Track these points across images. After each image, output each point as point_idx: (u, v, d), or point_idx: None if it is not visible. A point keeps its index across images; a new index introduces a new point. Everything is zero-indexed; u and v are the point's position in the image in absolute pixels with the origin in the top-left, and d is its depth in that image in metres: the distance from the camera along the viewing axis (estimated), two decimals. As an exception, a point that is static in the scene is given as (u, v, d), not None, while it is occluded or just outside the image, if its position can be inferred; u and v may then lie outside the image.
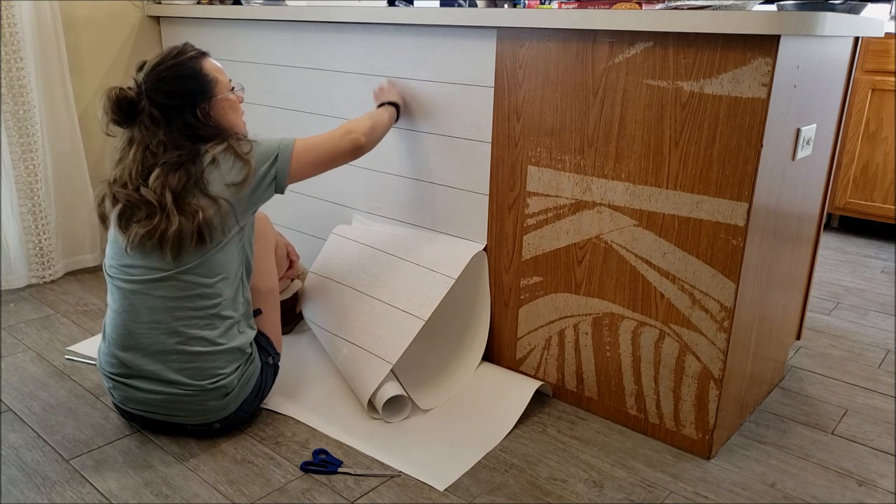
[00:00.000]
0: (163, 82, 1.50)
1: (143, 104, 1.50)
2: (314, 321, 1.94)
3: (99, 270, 2.57)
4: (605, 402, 1.71)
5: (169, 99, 1.50)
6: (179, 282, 1.47)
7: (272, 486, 1.44)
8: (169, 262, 1.47)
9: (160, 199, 1.46)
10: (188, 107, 1.52)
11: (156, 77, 1.51)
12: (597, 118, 1.55)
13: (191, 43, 1.59)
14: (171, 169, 1.47)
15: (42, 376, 1.84)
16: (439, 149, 1.85)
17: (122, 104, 1.49)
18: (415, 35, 1.82)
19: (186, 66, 1.53)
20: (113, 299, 1.54)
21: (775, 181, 1.47)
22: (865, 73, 2.97)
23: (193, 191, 1.47)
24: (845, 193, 3.13)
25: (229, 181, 1.50)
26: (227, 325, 1.52)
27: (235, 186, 1.50)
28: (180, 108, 1.51)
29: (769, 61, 1.30)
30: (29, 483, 1.44)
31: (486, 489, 1.45)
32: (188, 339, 1.49)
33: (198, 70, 1.54)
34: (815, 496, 1.46)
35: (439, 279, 1.76)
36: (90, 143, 2.55)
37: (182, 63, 1.53)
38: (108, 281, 1.56)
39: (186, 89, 1.52)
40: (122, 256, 1.52)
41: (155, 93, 1.50)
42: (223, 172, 1.50)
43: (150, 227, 1.46)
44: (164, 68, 1.52)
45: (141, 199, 1.47)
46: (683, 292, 1.51)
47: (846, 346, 2.14)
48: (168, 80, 1.51)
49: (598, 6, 1.62)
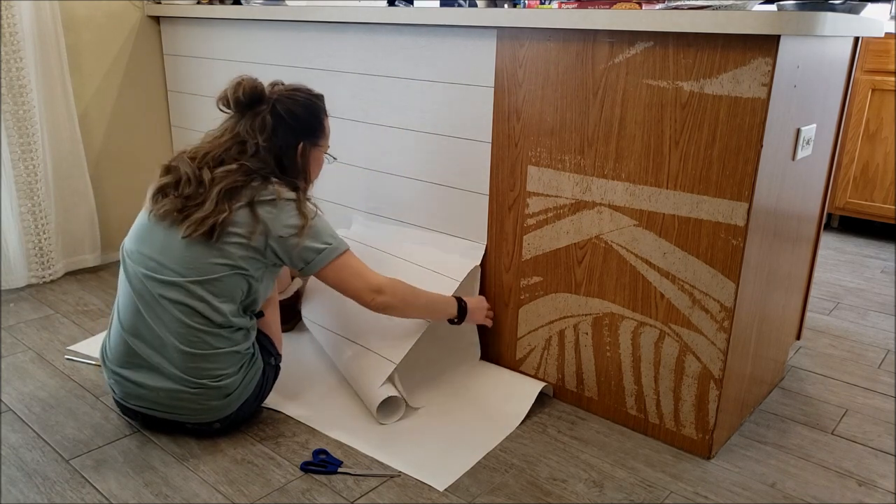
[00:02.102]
0: (293, 102, 1.59)
1: (266, 106, 1.56)
2: (315, 321, 1.94)
3: (99, 270, 2.57)
4: (605, 402, 1.71)
5: (289, 117, 1.57)
6: (187, 291, 1.47)
7: (272, 486, 1.44)
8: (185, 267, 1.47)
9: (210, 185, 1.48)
10: (296, 135, 1.58)
11: (290, 95, 1.59)
12: (597, 118, 1.55)
13: (325, 97, 1.67)
14: (243, 170, 1.50)
15: (42, 376, 1.84)
16: (439, 149, 1.85)
17: (255, 91, 1.55)
18: (415, 35, 1.82)
19: (317, 107, 1.63)
20: (123, 284, 1.55)
21: (775, 181, 1.47)
22: (865, 73, 2.97)
23: (242, 199, 1.48)
24: (845, 193, 3.14)
25: (285, 224, 1.50)
26: (230, 331, 1.52)
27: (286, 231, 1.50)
28: (290, 132, 1.57)
29: (769, 61, 1.30)
30: (29, 483, 1.44)
31: (486, 489, 1.45)
32: (193, 341, 1.48)
33: (322, 117, 1.65)
34: (815, 496, 1.46)
35: (445, 281, 1.76)
36: (90, 143, 2.55)
37: (315, 102, 1.63)
38: (121, 262, 1.56)
39: (306, 121, 1.60)
40: (143, 242, 1.52)
41: (282, 105, 1.57)
42: (279, 213, 1.50)
43: (183, 205, 1.48)
44: (300, 94, 1.61)
45: (196, 177, 1.49)
46: (683, 292, 1.51)
47: (846, 346, 2.14)
48: (299, 103, 1.59)
49: (598, 6, 1.62)
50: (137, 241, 1.54)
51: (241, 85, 1.54)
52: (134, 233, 1.56)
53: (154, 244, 1.50)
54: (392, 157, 1.97)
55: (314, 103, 1.62)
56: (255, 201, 1.49)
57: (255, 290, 1.55)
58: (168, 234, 1.49)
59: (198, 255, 1.47)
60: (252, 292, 1.54)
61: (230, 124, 1.57)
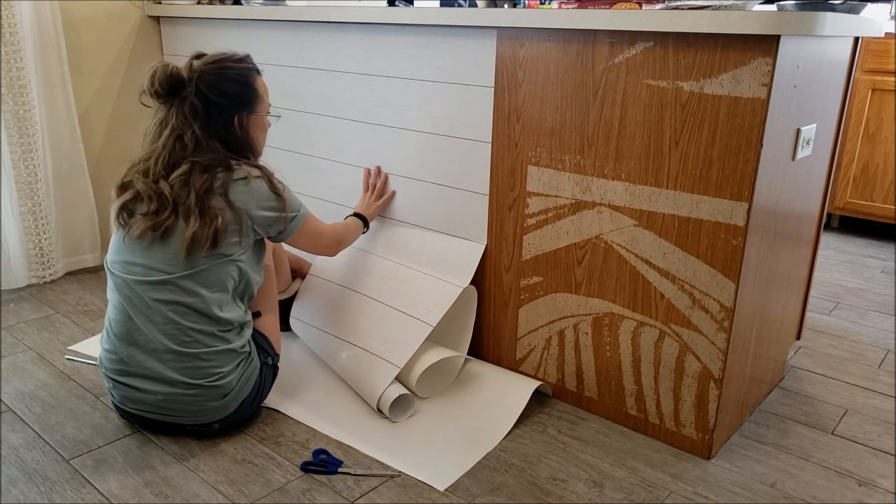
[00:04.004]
0: (216, 77, 1.52)
1: (189, 89, 1.51)
2: (309, 322, 1.94)
3: (99, 270, 2.57)
4: (605, 402, 1.71)
5: (216, 95, 1.52)
6: (178, 287, 1.47)
7: (272, 486, 1.44)
8: (172, 264, 1.47)
9: (177, 196, 1.47)
10: (229, 110, 1.54)
11: (212, 71, 1.52)
12: (597, 118, 1.55)
13: (251, 56, 1.61)
14: (199, 169, 1.48)
15: (42, 376, 1.84)
16: (439, 149, 1.85)
17: (171, 78, 1.50)
18: (415, 35, 1.82)
19: (243, 74, 1.56)
20: (112, 295, 1.55)
21: (775, 181, 1.47)
22: (865, 73, 2.97)
23: (216, 196, 1.48)
24: (845, 193, 3.13)
25: (262, 205, 1.52)
26: (224, 327, 1.52)
27: (264, 211, 1.53)
28: (222, 109, 1.53)
29: (769, 61, 1.30)
30: (29, 483, 1.44)
31: (486, 489, 1.45)
32: (185, 341, 1.48)
33: (251, 81, 1.58)
34: (815, 496, 1.46)
35: (448, 288, 1.77)
36: (90, 143, 2.55)
37: (240, 70, 1.56)
38: (108, 276, 1.56)
39: (236, 93, 1.54)
40: (124, 252, 1.52)
41: (206, 84, 1.51)
42: (255, 194, 1.51)
43: (155, 222, 1.47)
44: (223, 66, 1.54)
45: (155, 192, 1.48)
46: (683, 292, 1.51)
47: (846, 346, 2.14)
48: (223, 78, 1.53)
49: (598, 6, 1.62)
50: (119, 253, 1.53)
51: (155, 75, 1.49)
52: (113, 247, 1.55)
53: (136, 252, 1.50)
54: (392, 157, 1.97)
55: (239, 71, 1.55)
56: (228, 190, 1.49)
57: (246, 273, 1.55)
58: (149, 242, 1.49)
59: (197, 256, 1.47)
60: (243, 275, 1.55)
61: (163, 116, 1.52)
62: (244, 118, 1.57)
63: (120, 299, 1.52)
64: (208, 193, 1.48)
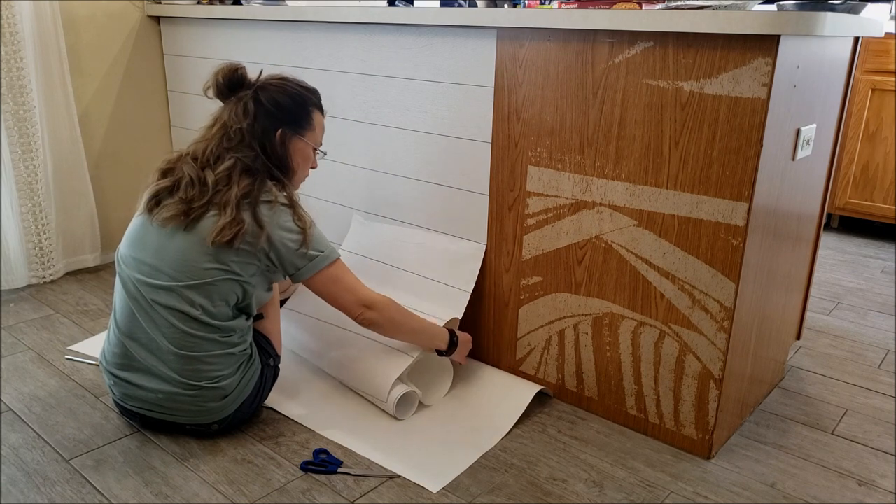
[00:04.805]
0: (276, 90, 1.57)
1: (248, 92, 1.55)
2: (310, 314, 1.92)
3: (99, 270, 2.57)
4: (605, 402, 1.71)
5: (270, 104, 1.55)
6: (181, 296, 1.47)
7: (272, 486, 1.44)
8: (179, 271, 1.46)
9: (218, 188, 1.47)
10: (277, 121, 1.56)
11: (275, 84, 1.58)
12: (597, 118, 1.55)
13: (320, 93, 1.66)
14: (242, 169, 1.50)
15: (42, 376, 1.84)
16: (439, 149, 1.85)
17: (234, 76, 1.55)
18: (415, 35, 1.82)
19: (302, 96, 1.60)
20: (118, 288, 1.55)
21: (775, 181, 1.47)
22: (865, 73, 2.97)
23: (247, 206, 1.47)
24: (845, 193, 3.13)
25: (281, 234, 1.49)
26: (226, 334, 1.52)
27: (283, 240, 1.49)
28: (270, 117, 1.55)
29: (769, 61, 1.30)
30: (29, 483, 1.44)
31: (486, 489, 1.45)
32: (187, 345, 1.48)
33: (307, 106, 1.61)
34: (815, 496, 1.46)
35: (454, 293, 1.78)
36: (90, 143, 2.55)
37: (301, 92, 1.60)
38: (117, 269, 1.56)
39: (287, 108, 1.57)
40: (136, 247, 1.52)
41: (265, 92, 1.55)
42: (275, 220, 1.49)
43: (189, 207, 1.47)
44: (286, 83, 1.59)
45: (199, 179, 1.49)
46: (683, 292, 1.51)
47: (846, 346, 2.14)
48: (282, 92, 1.57)
49: (598, 6, 1.62)
50: (131, 246, 1.53)
51: (221, 70, 1.55)
52: (128, 237, 1.55)
53: (148, 248, 1.50)
54: (392, 157, 1.97)
55: (301, 94, 1.60)
56: (257, 204, 1.49)
57: (250, 296, 1.54)
58: (164, 238, 1.48)
59: (192, 259, 1.47)
60: (247, 297, 1.53)
61: (218, 113, 1.58)
62: (287, 135, 1.57)
63: (125, 295, 1.52)
64: (246, 197, 1.48)
